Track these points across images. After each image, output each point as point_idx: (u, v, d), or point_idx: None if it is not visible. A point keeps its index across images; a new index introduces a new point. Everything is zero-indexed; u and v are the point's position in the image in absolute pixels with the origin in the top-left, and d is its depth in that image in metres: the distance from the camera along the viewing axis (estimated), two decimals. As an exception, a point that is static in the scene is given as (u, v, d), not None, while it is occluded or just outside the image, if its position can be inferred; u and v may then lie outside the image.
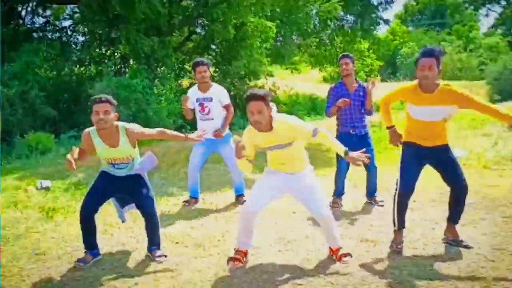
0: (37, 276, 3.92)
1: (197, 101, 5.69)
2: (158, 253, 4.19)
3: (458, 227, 4.33)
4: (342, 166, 5.64)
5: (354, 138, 5.48)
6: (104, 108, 3.85)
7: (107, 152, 4.02)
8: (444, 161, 4.14)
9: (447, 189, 4.21)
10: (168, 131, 4.26)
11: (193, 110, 5.79)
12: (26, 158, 9.49)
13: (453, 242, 4.25)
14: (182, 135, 4.30)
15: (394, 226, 4.28)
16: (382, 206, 5.63)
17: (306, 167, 3.98)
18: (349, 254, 3.99)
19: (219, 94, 5.69)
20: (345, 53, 5.92)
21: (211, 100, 5.64)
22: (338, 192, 5.78)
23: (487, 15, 57.36)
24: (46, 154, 9.82)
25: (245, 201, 5.82)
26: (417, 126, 4.10)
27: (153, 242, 4.24)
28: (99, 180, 4.23)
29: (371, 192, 5.79)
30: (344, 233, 4.72)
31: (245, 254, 4.07)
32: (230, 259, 4.00)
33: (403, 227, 4.27)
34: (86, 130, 4.07)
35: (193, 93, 5.77)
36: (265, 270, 3.90)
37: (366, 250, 4.27)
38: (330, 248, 4.10)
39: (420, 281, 3.57)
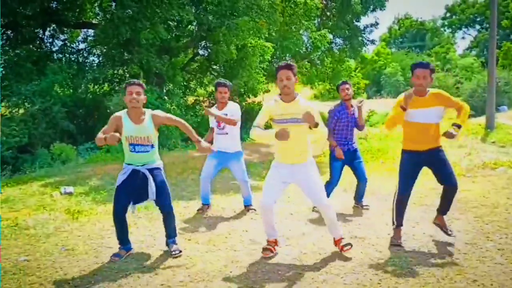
0: (69, 268, 4.12)
1: (215, 118, 5.78)
2: (174, 247, 4.39)
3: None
4: (335, 176, 5.80)
5: (347, 153, 5.71)
6: (137, 89, 4.14)
7: (131, 129, 4.15)
8: (437, 162, 4.34)
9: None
10: (188, 125, 4.37)
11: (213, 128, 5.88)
12: (49, 166, 9.69)
13: (440, 228, 4.56)
14: (197, 136, 4.38)
15: (393, 224, 4.51)
16: (367, 209, 5.89)
17: (307, 159, 4.13)
18: (349, 244, 4.25)
19: (232, 111, 5.75)
20: (344, 80, 6.05)
21: (225, 116, 5.71)
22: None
23: (463, 38, 58.24)
24: (67, 163, 10.02)
25: (253, 208, 6.01)
26: (413, 130, 4.29)
27: (170, 235, 4.46)
28: (124, 178, 4.29)
29: (360, 198, 5.99)
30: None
31: (275, 242, 4.33)
32: (263, 249, 4.26)
33: (401, 225, 4.51)
34: (116, 113, 4.25)
35: (213, 111, 5.80)
36: (267, 261, 4.12)
37: (355, 245, 4.48)
38: (333, 239, 4.32)
39: (403, 270, 3.80)
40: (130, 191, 4.26)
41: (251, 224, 5.41)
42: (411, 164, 4.36)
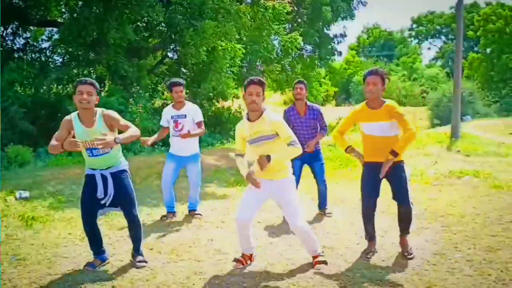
0: (18, 279, 3.84)
1: (171, 118, 5.64)
2: (139, 258, 4.16)
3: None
4: (295, 173, 5.70)
5: (306, 155, 5.56)
6: (88, 89, 3.80)
7: (83, 133, 3.85)
8: (394, 179, 4.20)
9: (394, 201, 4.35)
10: (131, 131, 3.89)
11: (167, 128, 5.73)
12: (5, 169, 9.23)
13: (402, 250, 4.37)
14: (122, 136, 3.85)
15: (366, 237, 4.40)
16: (329, 217, 5.81)
17: (287, 176, 3.98)
18: (324, 262, 4.03)
19: (193, 112, 5.63)
20: (300, 79, 6.00)
21: (185, 117, 5.58)
22: None
23: (429, 49, 59.83)
24: (24, 166, 9.59)
25: (198, 214, 5.94)
26: (371, 143, 4.19)
27: (136, 248, 4.21)
28: (86, 186, 4.03)
29: (322, 204, 5.92)
30: (304, 240, 4.82)
31: (250, 257, 4.14)
32: (235, 259, 4.08)
33: (372, 238, 4.38)
34: (66, 116, 3.94)
35: (168, 111, 5.72)
36: (232, 273, 3.94)
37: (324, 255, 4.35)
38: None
39: (371, 282, 3.69)
40: (95, 198, 3.98)
41: (217, 233, 5.21)
42: (372, 175, 4.21)
